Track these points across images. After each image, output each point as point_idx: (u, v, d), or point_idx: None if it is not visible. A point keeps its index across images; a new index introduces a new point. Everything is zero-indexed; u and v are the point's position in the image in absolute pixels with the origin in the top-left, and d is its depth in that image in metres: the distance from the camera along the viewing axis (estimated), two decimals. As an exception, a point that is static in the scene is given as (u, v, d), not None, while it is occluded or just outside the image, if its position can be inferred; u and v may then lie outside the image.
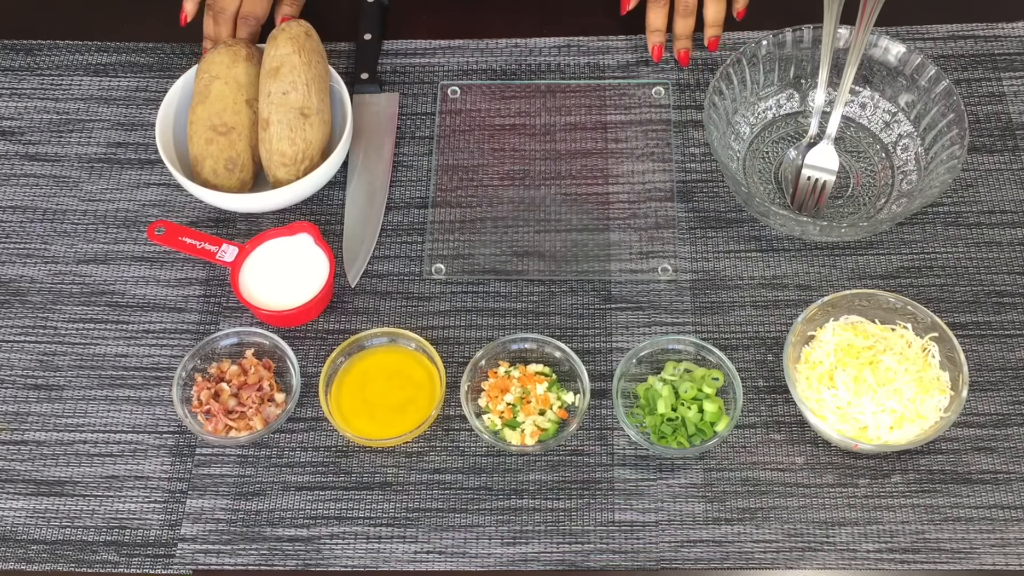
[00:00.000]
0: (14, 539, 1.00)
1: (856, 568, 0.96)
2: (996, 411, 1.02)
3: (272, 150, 1.08)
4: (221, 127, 1.09)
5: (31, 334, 1.09)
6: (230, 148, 1.09)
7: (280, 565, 0.98)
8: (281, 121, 1.07)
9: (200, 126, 1.10)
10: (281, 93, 1.07)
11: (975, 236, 1.10)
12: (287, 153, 1.08)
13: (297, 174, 1.09)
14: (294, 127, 1.08)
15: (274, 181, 1.10)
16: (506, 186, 1.14)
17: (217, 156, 1.09)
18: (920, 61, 1.10)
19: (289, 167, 1.09)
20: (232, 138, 1.09)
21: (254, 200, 1.09)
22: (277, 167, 1.09)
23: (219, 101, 1.10)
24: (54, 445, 1.04)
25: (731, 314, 1.07)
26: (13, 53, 1.24)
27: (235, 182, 1.10)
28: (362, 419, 1.02)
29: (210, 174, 1.09)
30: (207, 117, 1.09)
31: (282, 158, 1.08)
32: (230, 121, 1.09)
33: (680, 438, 0.99)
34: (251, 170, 1.12)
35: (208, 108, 1.10)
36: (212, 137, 1.09)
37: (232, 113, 1.10)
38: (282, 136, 1.08)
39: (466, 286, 1.10)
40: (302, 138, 1.08)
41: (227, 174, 1.10)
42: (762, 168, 1.14)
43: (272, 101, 1.08)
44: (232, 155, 1.09)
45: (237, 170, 1.10)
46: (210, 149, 1.09)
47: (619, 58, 1.21)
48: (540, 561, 0.97)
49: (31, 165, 1.18)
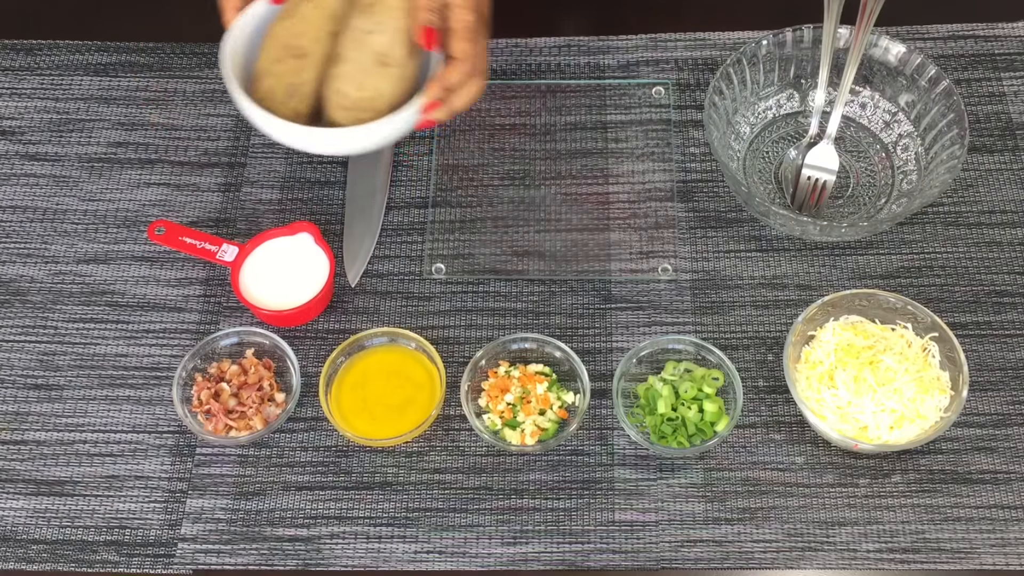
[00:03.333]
0: (14, 539, 1.00)
1: (856, 568, 0.96)
2: (996, 411, 1.02)
3: (337, 89, 0.98)
4: (296, 49, 0.98)
5: (31, 334, 1.09)
6: (297, 74, 0.99)
7: (280, 565, 0.98)
8: (355, 60, 0.97)
9: (275, 41, 1.00)
10: (365, 31, 0.97)
11: (975, 236, 1.10)
12: (351, 96, 0.98)
13: (355, 123, 0.98)
14: (367, 71, 0.97)
15: (330, 124, 1.00)
16: (506, 186, 1.14)
17: (280, 77, 0.99)
18: (920, 61, 1.10)
19: (349, 111, 0.98)
20: (303, 63, 0.99)
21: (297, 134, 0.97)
22: (336, 109, 0.99)
23: (303, 22, 0.99)
24: (54, 445, 1.04)
25: (731, 314, 1.07)
26: (13, 53, 1.24)
27: (289, 110, 1.00)
28: (362, 419, 1.02)
29: (266, 92, 1.00)
30: (285, 35, 0.99)
31: (344, 100, 0.98)
32: (307, 46, 0.99)
33: (680, 438, 0.99)
34: (308, 104, 1.01)
35: (289, 27, 0.99)
36: (282, 56, 0.99)
37: (312, 39, 0.99)
38: (351, 76, 0.97)
39: (466, 286, 1.10)
40: (372, 85, 0.97)
41: (283, 98, 0.99)
42: (762, 168, 1.14)
43: (353, 37, 0.97)
44: (295, 81, 0.99)
45: (295, 99, 1.00)
46: (276, 68, 0.99)
47: (619, 58, 1.21)
48: (540, 561, 0.97)
49: (31, 165, 1.18)
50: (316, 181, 1.15)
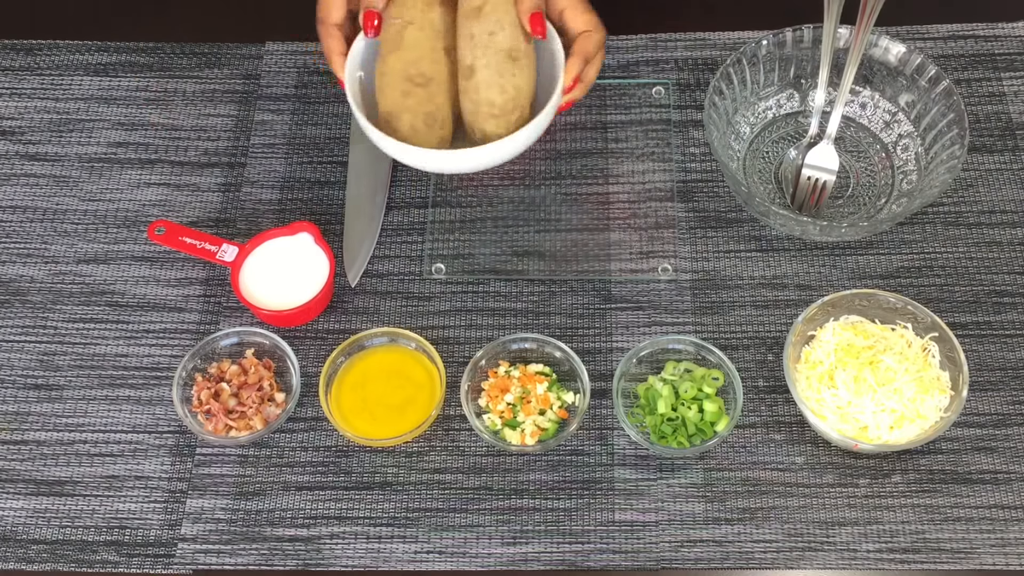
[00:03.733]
0: (14, 539, 1.00)
1: (856, 568, 0.96)
2: (996, 411, 1.02)
3: (480, 100, 0.96)
4: (418, 77, 0.96)
5: (31, 334, 1.09)
6: (429, 101, 0.97)
7: (280, 565, 0.98)
8: (488, 66, 0.95)
9: (394, 77, 0.97)
10: (487, 34, 0.94)
11: (975, 236, 1.10)
12: (496, 102, 0.95)
13: (508, 126, 0.96)
14: (503, 72, 0.95)
15: (481, 136, 0.98)
16: (506, 186, 1.14)
17: (415, 110, 0.97)
18: (920, 61, 1.10)
19: (499, 118, 0.96)
20: (431, 90, 0.96)
21: (472, 157, 0.95)
22: (485, 119, 0.96)
23: (415, 49, 0.96)
24: (54, 445, 1.04)
25: (731, 314, 1.07)
26: (13, 53, 1.24)
27: (435, 139, 0.98)
28: (362, 419, 1.02)
29: (408, 131, 0.97)
30: (402, 68, 0.96)
31: (491, 108, 0.96)
32: (428, 71, 0.96)
33: (680, 438, 0.99)
34: (450, 126, 0.99)
35: (402, 57, 0.96)
36: (409, 89, 0.96)
37: (430, 62, 0.96)
38: (491, 83, 0.95)
39: (466, 286, 1.10)
40: (512, 85, 0.95)
41: (427, 130, 0.97)
42: (762, 168, 1.14)
43: (477, 44, 0.95)
44: (431, 109, 0.97)
45: (437, 126, 0.98)
46: (407, 103, 0.97)
47: (619, 58, 1.21)
48: (540, 561, 0.97)
49: (31, 165, 1.18)
50: (316, 181, 1.15)
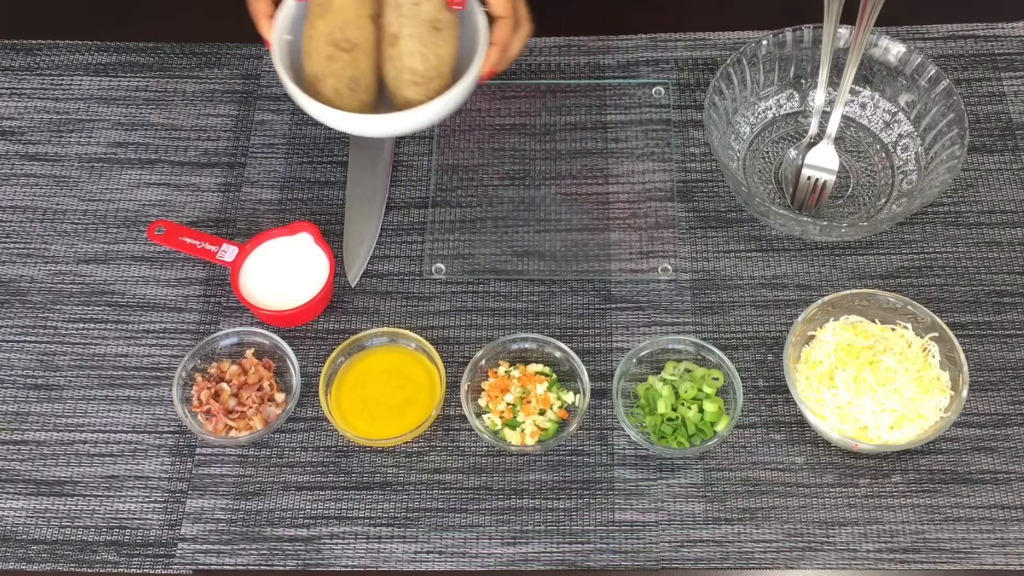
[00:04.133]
0: (14, 539, 1.00)
1: (856, 568, 0.96)
2: (996, 411, 1.02)
3: (402, 67, 1.00)
4: (344, 43, 0.99)
5: (31, 334, 1.09)
6: (353, 66, 1.00)
7: (280, 565, 0.98)
8: (412, 35, 0.99)
9: (320, 41, 1.00)
10: (412, 4, 0.99)
11: (975, 236, 1.10)
12: (418, 70, 1.00)
13: (428, 94, 1.00)
14: (426, 41, 0.99)
15: (403, 102, 1.02)
16: (506, 186, 1.14)
17: (339, 74, 1.00)
18: (920, 61, 1.10)
19: (420, 86, 1.00)
20: (356, 55, 1.00)
21: (392, 122, 1.00)
22: (407, 86, 1.01)
23: (341, 15, 1.00)
24: (54, 445, 1.04)
25: (731, 314, 1.07)
26: (13, 53, 1.24)
27: (357, 103, 1.02)
28: (362, 419, 1.02)
29: (332, 94, 1.01)
30: (328, 32, 1.00)
31: (413, 75, 1.00)
32: (353, 36, 1.00)
33: (680, 438, 0.99)
34: (374, 91, 1.03)
35: (330, 22, 1.00)
36: (334, 54, 1.00)
37: (356, 28, 1.00)
38: (413, 51, 0.99)
39: (466, 286, 1.10)
40: (434, 54, 1.00)
41: (350, 94, 1.01)
42: (762, 168, 1.14)
43: (402, 13, 0.99)
44: (355, 73, 1.00)
45: (361, 90, 1.01)
46: (332, 67, 1.00)
47: (619, 58, 1.21)
48: (540, 561, 0.97)
49: (31, 165, 1.18)
50: (316, 181, 1.15)
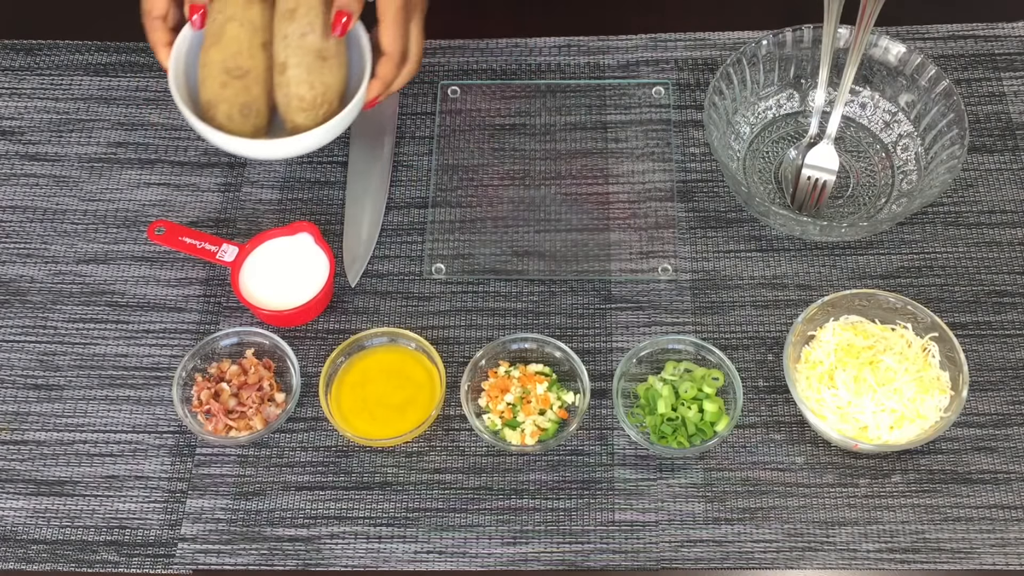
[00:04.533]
0: (14, 539, 1.00)
1: (856, 568, 0.96)
2: (996, 411, 1.02)
3: (290, 94, 1.03)
4: (236, 70, 1.03)
5: (31, 334, 1.09)
6: (245, 92, 1.04)
7: (280, 565, 0.98)
8: (299, 64, 1.02)
9: (214, 69, 1.04)
10: (299, 35, 1.02)
11: (975, 236, 1.10)
12: (306, 97, 1.03)
13: (316, 119, 1.04)
14: (312, 70, 1.03)
15: (292, 127, 1.05)
16: (506, 186, 1.14)
17: (232, 100, 1.04)
18: (920, 61, 1.10)
19: (308, 112, 1.04)
20: (247, 82, 1.04)
21: (279, 146, 1.04)
22: (296, 112, 1.04)
23: (234, 43, 1.04)
24: (54, 445, 1.04)
25: (731, 314, 1.07)
26: (13, 53, 1.24)
27: (249, 128, 1.05)
28: (362, 419, 1.02)
29: (224, 119, 1.04)
30: (221, 60, 1.04)
31: (301, 102, 1.03)
32: (245, 64, 1.04)
33: (680, 438, 0.99)
34: (266, 116, 1.06)
35: (223, 51, 1.04)
36: (227, 81, 1.03)
37: (247, 56, 1.04)
38: (300, 79, 1.03)
39: (466, 286, 1.10)
40: (321, 81, 1.03)
41: (242, 119, 1.04)
42: (762, 168, 1.14)
43: (289, 43, 1.03)
44: (247, 100, 1.04)
45: (252, 115, 1.05)
46: (224, 93, 1.04)
47: (619, 58, 1.21)
48: (540, 561, 0.97)
49: (31, 165, 1.18)
50: (316, 181, 1.15)
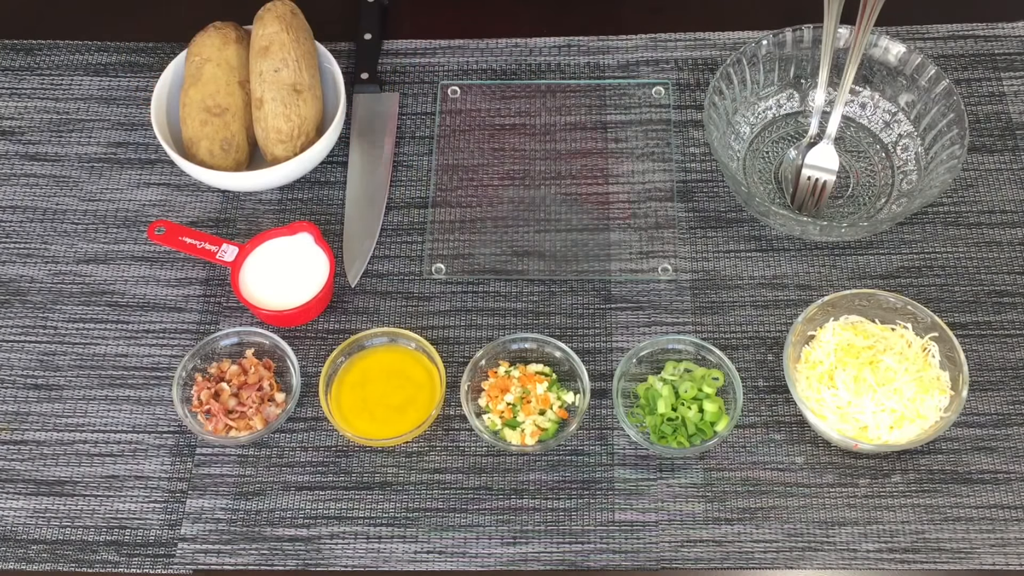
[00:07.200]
0: (14, 539, 1.00)
1: (856, 568, 0.96)
2: (996, 411, 1.02)
3: (268, 127, 1.10)
4: (215, 108, 1.10)
5: (31, 334, 1.09)
6: (225, 129, 1.11)
7: (280, 565, 0.98)
8: (275, 99, 1.09)
9: (194, 108, 1.11)
10: (273, 71, 1.09)
11: (975, 236, 1.10)
12: (283, 129, 1.10)
13: (295, 150, 1.11)
14: (288, 103, 1.09)
15: (272, 159, 1.12)
16: (506, 186, 1.14)
17: (212, 137, 1.10)
18: (920, 61, 1.10)
19: (286, 143, 1.11)
20: (226, 119, 1.11)
21: (258, 177, 1.10)
22: (274, 144, 1.11)
23: (212, 83, 1.11)
24: (54, 445, 1.04)
25: (731, 314, 1.07)
26: (13, 53, 1.24)
27: (231, 162, 1.12)
28: (362, 419, 1.02)
29: (206, 155, 1.11)
30: (200, 99, 1.11)
31: (278, 135, 1.10)
32: (224, 102, 1.11)
33: (680, 438, 0.99)
34: (246, 151, 1.13)
35: (201, 90, 1.11)
36: (207, 119, 1.10)
37: (225, 95, 1.11)
38: (277, 113, 1.09)
39: (466, 286, 1.10)
40: (296, 114, 1.10)
41: (223, 155, 1.11)
42: (762, 168, 1.14)
43: (264, 80, 1.10)
44: (227, 135, 1.11)
45: (233, 151, 1.11)
46: (205, 131, 1.10)
47: (619, 58, 1.21)
48: (540, 561, 0.97)
49: (31, 165, 1.18)
50: (316, 181, 1.15)
